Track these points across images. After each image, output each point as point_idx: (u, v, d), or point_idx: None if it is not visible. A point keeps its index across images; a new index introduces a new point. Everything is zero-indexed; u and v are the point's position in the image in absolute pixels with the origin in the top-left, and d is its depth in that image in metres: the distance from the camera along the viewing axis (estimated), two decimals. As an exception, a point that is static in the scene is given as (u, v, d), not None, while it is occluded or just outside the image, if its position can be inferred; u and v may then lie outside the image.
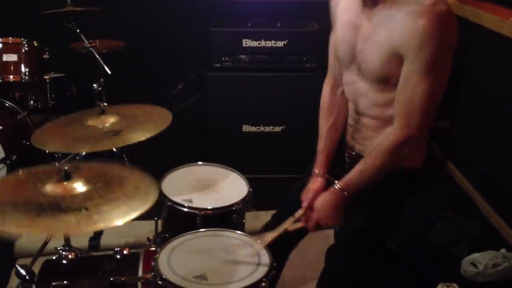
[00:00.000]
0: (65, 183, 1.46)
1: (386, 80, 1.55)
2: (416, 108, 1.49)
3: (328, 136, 1.85)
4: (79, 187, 1.51)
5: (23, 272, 1.56)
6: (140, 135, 1.86)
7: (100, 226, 1.37)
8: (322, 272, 1.81)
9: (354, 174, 1.66)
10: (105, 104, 2.08)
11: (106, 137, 1.86)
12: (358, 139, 1.77)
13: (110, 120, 2.00)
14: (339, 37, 1.72)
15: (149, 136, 1.86)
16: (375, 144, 1.64)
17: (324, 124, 1.88)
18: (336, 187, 1.68)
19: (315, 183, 1.80)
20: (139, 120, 1.99)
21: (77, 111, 2.08)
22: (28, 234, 2.53)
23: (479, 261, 2.51)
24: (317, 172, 1.83)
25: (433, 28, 1.34)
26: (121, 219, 1.39)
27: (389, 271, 2.44)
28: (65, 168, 1.47)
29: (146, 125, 1.93)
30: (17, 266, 1.58)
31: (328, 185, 1.76)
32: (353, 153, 1.80)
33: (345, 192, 1.67)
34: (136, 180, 1.60)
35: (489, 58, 3.19)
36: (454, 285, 2.44)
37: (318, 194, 1.75)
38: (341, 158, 1.85)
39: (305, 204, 1.76)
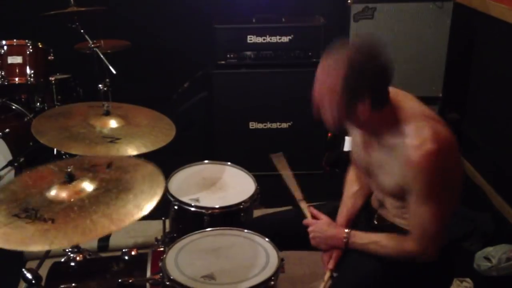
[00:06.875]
0: (69, 185, 1.45)
1: (402, 198, 1.60)
2: (425, 231, 1.55)
3: (351, 200, 1.84)
4: (79, 189, 1.47)
5: (29, 276, 1.55)
6: (135, 149, 1.85)
7: (64, 243, 1.33)
8: None
9: (365, 238, 1.69)
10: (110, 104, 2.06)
11: (102, 143, 1.85)
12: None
13: (112, 124, 1.98)
14: (354, 152, 1.76)
15: (143, 152, 1.84)
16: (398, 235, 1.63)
17: (348, 189, 1.87)
18: (344, 233, 1.71)
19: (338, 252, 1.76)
20: (140, 131, 1.97)
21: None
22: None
23: (492, 255, 2.48)
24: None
25: (421, 164, 1.46)
26: (82, 238, 1.31)
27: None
28: (69, 170, 1.45)
29: (146, 139, 1.91)
30: (23, 270, 1.57)
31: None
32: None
33: (344, 240, 1.71)
34: (139, 190, 1.55)
35: (497, 48, 3.14)
36: (468, 280, 2.40)
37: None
38: None
39: (330, 266, 1.75)
